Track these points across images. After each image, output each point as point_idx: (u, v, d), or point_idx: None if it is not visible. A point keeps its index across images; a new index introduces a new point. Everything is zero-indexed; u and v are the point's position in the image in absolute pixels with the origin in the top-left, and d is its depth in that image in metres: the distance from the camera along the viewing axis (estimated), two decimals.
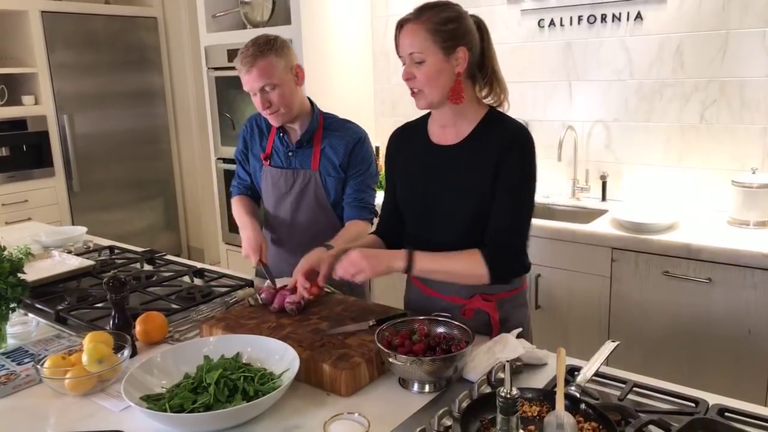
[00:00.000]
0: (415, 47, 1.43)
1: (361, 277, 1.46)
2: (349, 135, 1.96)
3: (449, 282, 1.53)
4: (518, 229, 1.50)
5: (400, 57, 1.48)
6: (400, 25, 1.46)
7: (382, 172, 2.04)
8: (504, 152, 1.46)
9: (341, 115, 2.06)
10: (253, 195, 2.17)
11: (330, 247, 1.71)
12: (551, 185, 3.18)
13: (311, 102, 2.01)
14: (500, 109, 1.56)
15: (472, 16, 1.50)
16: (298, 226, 2.01)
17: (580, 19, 2.93)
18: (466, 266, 1.47)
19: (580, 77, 2.99)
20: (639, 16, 2.77)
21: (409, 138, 1.66)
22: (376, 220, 1.93)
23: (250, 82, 1.87)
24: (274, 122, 1.94)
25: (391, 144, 1.71)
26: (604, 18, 2.87)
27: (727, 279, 2.25)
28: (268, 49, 1.85)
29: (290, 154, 2.00)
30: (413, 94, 1.49)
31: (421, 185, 1.59)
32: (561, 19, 2.98)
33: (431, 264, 1.49)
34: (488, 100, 1.56)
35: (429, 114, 1.62)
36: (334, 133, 1.96)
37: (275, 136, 2.03)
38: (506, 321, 1.59)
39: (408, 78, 1.47)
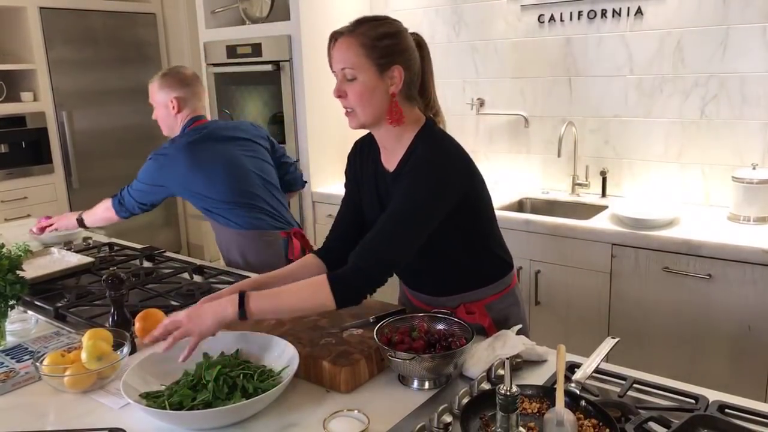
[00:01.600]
0: (347, 62, 1.35)
1: (193, 342, 1.28)
2: (157, 152, 2.25)
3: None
4: (388, 248, 1.34)
5: (333, 72, 1.41)
6: (334, 37, 1.39)
7: None
8: (404, 173, 1.40)
9: (339, 112, 2.06)
10: None
11: None
12: (551, 181, 3.17)
13: (185, 129, 2.24)
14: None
15: (413, 34, 1.44)
16: None
17: (580, 14, 2.92)
18: (310, 298, 1.32)
19: (580, 73, 2.99)
20: (639, 11, 2.77)
21: (366, 157, 1.58)
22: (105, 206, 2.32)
23: None
24: None
25: (349, 160, 1.64)
26: (604, 13, 2.86)
27: (727, 275, 2.25)
28: (155, 77, 2.25)
29: None
30: (346, 113, 1.42)
31: (376, 209, 1.53)
32: (561, 14, 2.97)
33: (268, 303, 1.31)
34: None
35: None
36: None
37: None
38: (502, 322, 1.58)
39: (339, 95, 1.39)
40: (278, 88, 3.40)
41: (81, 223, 2.42)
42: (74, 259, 2.16)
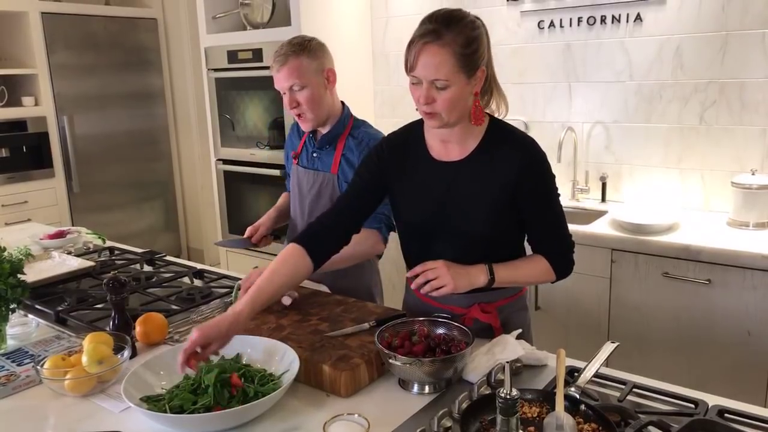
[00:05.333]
0: (440, 75, 1.32)
1: (443, 291, 1.42)
2: (370, 141, 1.87)
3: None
4: (567, 233, 1.55)
5: (412, 75, 1.36)
6: (418, 43, 1.33)
7: None
8: (525, 171, 1.45)
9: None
10: None
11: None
12: None
13: (344, 106, 1.96)
14: (498, 116, 1.52)
15: (478, 18, 1.41)
16: None
17: (579, 20, 2.93)
18: (539, 274, 1.53)
19: (580, 78, 3.00)
20: (639, 17, 2.78)
21: (406, 151, 1.55)
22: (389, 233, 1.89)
23: (279, 80, 1.85)
24: (302, 126, 1.93)
25: (383, 151, 1.58)
26: (603, 19, 2.87)
27: (726, 280, 2.25)
28: (301, 49, 1.82)
29: (314, 155, 1.97)
30: (429, 115, 1.40)
31: (425, 206, 1.53)
32: (561, 20, 2.98)
33: (509, 276, 1.50)
34: (487, 108, 1.50)
35: (421, 122, 1.52)
36: (355, 139, 1.91)
37: (306, 136, 2.01)
38: (506, 325, 1.58)
39: (427, 102, 1.37)
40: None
41: None
42: (75, 263, 2.16)
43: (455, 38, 1.32)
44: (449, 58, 1.32)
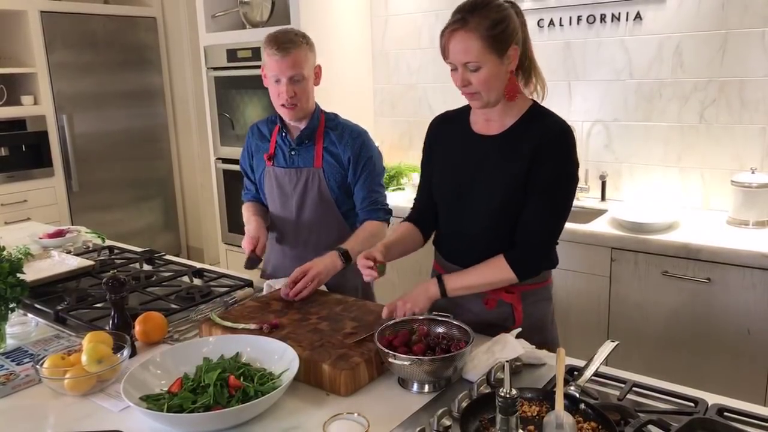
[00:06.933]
0: (469, 57, 1.42)
1: (410, 309, 1.51)
2: (352, 134, 1.97)
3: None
4: (548, 229, 1.52)
5: (447, 62, 1.47)
6: (446, 32, 1.44)
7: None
8: (541, 147, 1.47)
9: (341, 116, 2.07)
10: (262, 201, 2.15)
11: (343, 250, 1.78)
12: None
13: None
14: (539, 102, 1.58)
15: (508, 2, 1.47)
16: (303, 225, 2.01)
17: (579, 19, 2.93)
18: (494, 275, 1.52)
19: (580, 77, 2.99)
20: (638, 16, 2.78)
21: (449, 127, 1.66)
22: (392, 219, 1.98)
23: (282, 68, 1.84)
24: (288, 115, 1.92)
25: (430, 132, 1.71)
26: (603, 18, 2.87)
27: (726, 279, 2.25)
28: (305, 42, 1.88)
29: (293, 152, 1.99)
30: (470, 96, 1.49)
31: (457, 173, 1.60)
32: (560, 19, 2.98)
33: (461, 282, 1.54)
34: (527, 92, 1.56)
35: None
36: (335, 131, 1.97)
37: (277, 136, 2.02)
38: (529, 314, 1.59)
39: (464, 85, 1.47)
40: None
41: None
42: (74, 262, 2.16)
43: (480, 22, 1.40)
44: (476, 42, 1.41)
